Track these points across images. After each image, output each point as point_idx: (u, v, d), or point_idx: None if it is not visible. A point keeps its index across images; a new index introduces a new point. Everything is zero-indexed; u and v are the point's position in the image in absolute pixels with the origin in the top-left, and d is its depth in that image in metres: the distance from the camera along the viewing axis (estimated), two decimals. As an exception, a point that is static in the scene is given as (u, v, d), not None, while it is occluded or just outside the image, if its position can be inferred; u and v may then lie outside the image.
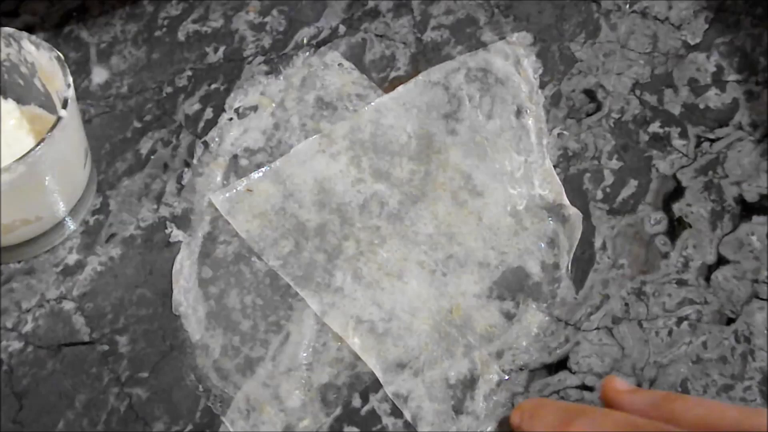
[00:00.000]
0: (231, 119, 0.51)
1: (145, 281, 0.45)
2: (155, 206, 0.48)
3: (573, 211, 0.46)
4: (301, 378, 0.42)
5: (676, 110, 0.50)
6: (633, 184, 0.48)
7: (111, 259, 0.46)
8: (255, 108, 0.51)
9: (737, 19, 0.54)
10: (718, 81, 0.51)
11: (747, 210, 0.47)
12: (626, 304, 0.44)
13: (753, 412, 0.32)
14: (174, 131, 0.50)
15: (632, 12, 0.54)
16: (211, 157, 0.49)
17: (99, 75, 0.52)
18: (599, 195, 0.47)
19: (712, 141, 0.49)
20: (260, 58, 0.53)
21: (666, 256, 0.45)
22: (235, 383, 0.42)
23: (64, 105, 0.42)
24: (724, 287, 0.44)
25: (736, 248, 0.46)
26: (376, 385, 0.42)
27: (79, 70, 0.52)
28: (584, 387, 0.42)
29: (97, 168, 0.49)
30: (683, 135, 0.49)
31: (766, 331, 0.43)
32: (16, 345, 0.43)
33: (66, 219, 0.46)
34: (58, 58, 0.43)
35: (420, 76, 0.51)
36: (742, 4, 0.54)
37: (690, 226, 0.46)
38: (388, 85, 0.51)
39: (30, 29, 0.53)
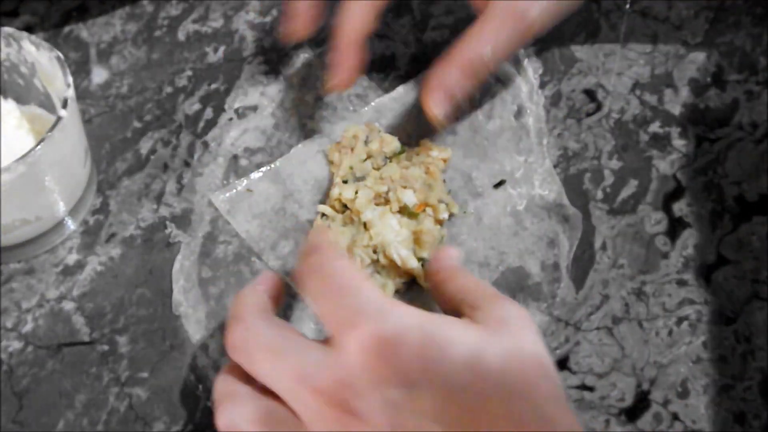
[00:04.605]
0: (231, 119, 0.51)
1: (145, 281, 0.45)
2: (155, 206, 0.48)
3: (573, 211, 0.46)
4: (301, 378, 0.42)
5: (676, 110, 0.50)
6: (633, 184, 0.48)
7: (111, 259, 0.46)
8: (255, 108, 0.51)
9: (737, 19, 0.54)
10: (718, 81, 0.51)
11: (747, 210, 0.47)
12: (626, 304, 0.44)
13: None
14: (174, 131, 0.50)
15: (632, 12, 0.54)
16: (211, 157, 0.49)
17: (99, 75, 0.52)
18: (599, 195, 0.47)
19: (712, 141, 0.49)
20: (260, 58, 0.53)
21: (666, 256, 0.45)
22: (235, 383, 0.42)
23: (64, 105, 0.42)
24: (724, 287, 0.44)
25: (736, 248, 0.45)
26: (376, 385, 0.42)
27: (79, 70, 0.52)
28: (584, 387, 0.42)
29: (97, 168, 0.49)
30: (683, 135, 0.49)
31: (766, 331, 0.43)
32: (16, 345, 0.43)
33: (66, 219, 0.46)
34: (58, 58, 0.43)
35: (420, 76, 0.51)
36: (742, 4, 0.54)
37: (690, 226, 0.46)
38: (388, 85, 0.51)
39: (30, 29, 0.53)
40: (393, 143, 0.47)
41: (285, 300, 0.39)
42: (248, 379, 0.34)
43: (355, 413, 0.31)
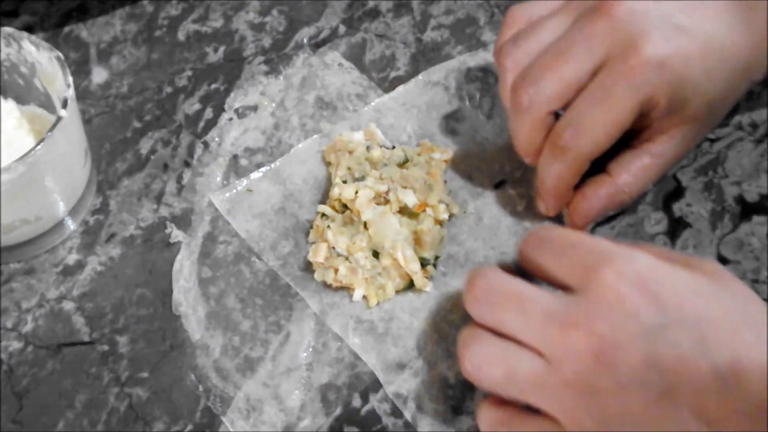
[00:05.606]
0: (231, 119, 0.51)
1: (145, 281, 0.45)
2: (155, 206, 0.48)
3: (573, 211, 0.46)
4: (301, 378, 0.42)
5: (676, 110, 0.50)
6: (633, 184, 0.48)
7: (111, 259, 0.46)
8: (255, 108, 0.51)
9: (737, 19, 0.54)
10: (718, 81, 0.51)
11: (747, 210, 0.47)
12: (626, 304, 0.44)
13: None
14: (174, 131, 0.50)
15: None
16: (211, 157, 0.49)
17: (99, 75, 0.52)
18: (599, 195, 0.47)
19: (712, 141, 0.49)
20: (260, 58, 0.53)
21: (666, 256, 0.45)
22: (235, 383, 0.42)
23: (64, 105, 0.42)
24: (724, 287, 0.44)
25: (736, 248, 0.45)
26: (376, 385, 0.42)
27: (79, 70, 0.52)
28: (584, 387, 0.42)
29: (97, 168, 0.49)
30: (683, 135, 0.49)
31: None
32: (16, 345, 0.43)
33: (66, 219, 0.46)
34: (58, 58, 0.43)
35: (420, 76, 0.51)
36: (742, 4, 0.54)
37: (690, 226, 0.46)
38: (388, 85, 0.51)
39: (30, 29, 0.53)
40: (397, 153, 0.47)
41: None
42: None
43: (608, 343, 0.31)
